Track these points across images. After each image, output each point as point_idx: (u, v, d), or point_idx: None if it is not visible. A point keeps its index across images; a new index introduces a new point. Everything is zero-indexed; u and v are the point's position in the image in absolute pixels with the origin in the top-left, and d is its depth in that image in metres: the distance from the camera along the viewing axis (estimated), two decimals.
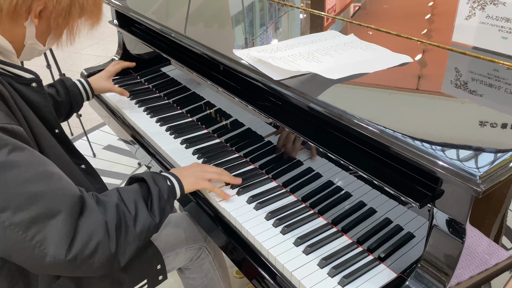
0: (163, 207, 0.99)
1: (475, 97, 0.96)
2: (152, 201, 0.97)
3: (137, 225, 0.91)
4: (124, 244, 0.89)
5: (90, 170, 1.14)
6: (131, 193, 0.96)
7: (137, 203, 0.94)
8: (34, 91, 0.96)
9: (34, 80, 0.96)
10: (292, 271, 0.93)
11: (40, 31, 0.93)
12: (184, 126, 1.50)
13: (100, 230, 0.84)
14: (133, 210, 0.92)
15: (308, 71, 1.06)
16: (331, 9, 1.67)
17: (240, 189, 1.17)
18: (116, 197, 0.93)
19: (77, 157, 1.11)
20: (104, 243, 0.84)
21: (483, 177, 0.70)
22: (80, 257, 0.82)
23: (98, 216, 0.85)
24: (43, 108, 0.98)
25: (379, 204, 0.97)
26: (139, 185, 1.00)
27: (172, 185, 1.04)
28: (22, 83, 0.93)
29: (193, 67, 1.44)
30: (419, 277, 0.83)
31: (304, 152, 1.11)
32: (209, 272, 1.33)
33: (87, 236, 0.82)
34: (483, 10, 1.19)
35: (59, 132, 1.04)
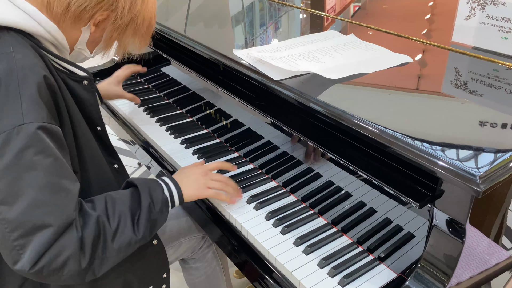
0: (154, 219, 0.94)
1: (475, 97, 0.96)
2: (141, 214, 0.93)
3: (116, 241, 0.88)
4: (101, 257, 0.86)
5: (122, 171, 1.13)
6: (119, 204, 0.92)
7: (121, 216, 0.90)
8: (84, 89, 0.97)
9: (86, 78, 0.97)
10: (292, 271, 0.93)
11: (92, 38, 0.97)
12: (184, 126, 1.50)
13: (73, 245, 0.82)
14: (115, 224, 0.89)
15: (308, 71, 1.06)
16: (331, 9, 1.67)
17: (240, 189, 1.16)
18: (100, 209, 0.90)
19: (112, 156, 1.11)
20: (75, 258, 0.82)
21: (483, 177, 0.70)
22: (48, 269, 0.80)
23: (73, 230, 0.83)
24: (90, 106, 1.00)
25: (379, 204, 0.97)
26: (131, 194, 0.96)
27: (170, 196, 1.00)
28: (74, 79, 0.95)
29: (193, 67, 1.44)
30: (419, 277, 0.83)
31: (304, 152, 1.11)
32: (213, 261, 1.33)
33: (57, 250, 0.80)
34: (483, 10, 1.19)
35: (101, 129, 1.05)
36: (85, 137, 0.97)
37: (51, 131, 0.82)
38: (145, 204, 0.94)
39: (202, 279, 1.33)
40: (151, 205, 0.94)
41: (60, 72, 0.93)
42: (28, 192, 0.78)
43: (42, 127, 0.80)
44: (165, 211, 0.98)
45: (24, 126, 0.78)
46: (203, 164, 1.17)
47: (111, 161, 1.10)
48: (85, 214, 0.87)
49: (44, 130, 0.80)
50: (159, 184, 1.00)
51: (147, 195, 0.95)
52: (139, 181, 0.98)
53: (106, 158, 1.07)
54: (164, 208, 0.97)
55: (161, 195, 0.98)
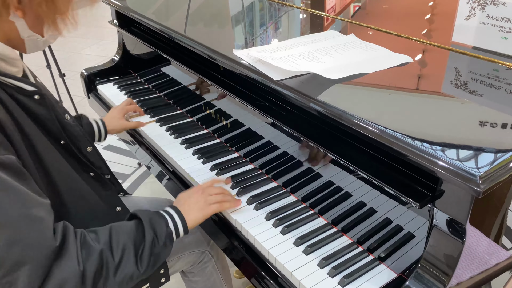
0: (157, 253, 0.93)
1: (475, 97, 0.96)
2: (144, 248, 0.91)
3: (118, 274, 0.87)
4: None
5: (99, 177, 1.09)
6: (123, 236, 0.90)
7: (125, 249, 0.88)
8: (36, 103, 0.92)
9: (36, 93, 0.92)
10: (292, 271, 0.93)
11: (30, 22, 0.88)
12: (184, 126, 1.50)
13: (74, 278, 0.80)
14: (118, 257, 0.87)
15: (308, 71, 1.06)
16: (331, 9, 1.67)
17: (240, 189, 1.17)
18: (104, 241, 0.88)
19: (85, 166, 1.06)
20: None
21: (483, 177, 0.70)
22: None
23: (74, 265, 0.81)
24: (46, 120, 0.95)
25: (379, 204, 0.97)
26: (136, 227, 0.94)
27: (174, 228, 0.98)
28: (24, 95, 0.90)
29: (193, 67, 1.44)
30: (419, 277, 0.83)
31: (304, 152, 1.11)
32: (212, 275, 1.33)
33: (58, 283, 0.79)
34: (483, 10, 1.19)
35: (65, 143, 1.00)
36: (48, 153, 0.93)
37: (2, 163, 0.77)
38: (149, 238, 0.92)
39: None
40: (155, 239, 0.93)
41: (7, 88, 0.87)
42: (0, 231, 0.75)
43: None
44: (169, 244, 0.96)
45: None
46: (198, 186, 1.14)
47: (85, 170, 1.06)
48: (88, 247, 0.85)
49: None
50: (163, 216, 0.98)
51: (150, 229, 0.93)
52: (142, 214, 0.96)
53: (77, 169, 1.03)
54: (168, 241, 0.95)
55: (165, 228, 0.96)
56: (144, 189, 2.48)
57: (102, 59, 4.17)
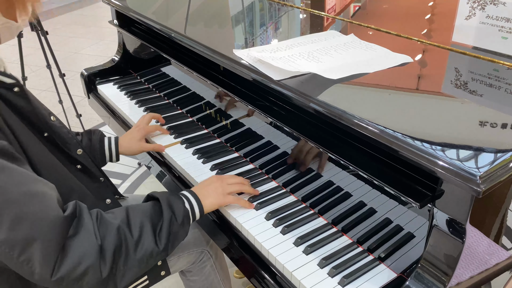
0: (176, 232, 0.94)
1: (475, 97, 0.96)
2: (162, 225, 0.92)
3: (138, 251, 0.87)
4: (122, 269, 0.85)
5: (85, 169, 1.08)
6: (140, 215, 0.91)
7: (143, 227, 0.89)
8: (17, 96, 0.92)
9: (15, 85, 0.92)
10: (292, 271, 0.93)
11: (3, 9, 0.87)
12: (184, 126, 1.50)
13: (92, 254, 0.81)
14: (137, 234, 0.88)
15: (308, 71, 1.06)
16: (331, 9, 1.67)
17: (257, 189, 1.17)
18: (121, 218, 0.89)
19: (71, 157, 1.05)
20: (95, 268, 0.81)
21: (483, 177, 0.70)
22: (67, 279, 0.80)
23: (92, 239, 0.82)
24: (27, 113, 0.94)
25: (379, 204, 0.97)
26: (153, 206, 0.95)
27: (190, 209, 0.99)
28: (4, 87, 0.90)
29: (193, 67, 1.44)
30: (419, 277, 0.83)
31: (304, 152, 1.11)
32: (210, 275, 1.33)
33: (77, 259, 0.80)
34: (483, 10, 1.19)
35: (48, 135, 0.99)
36: (33, 147, 0.93)
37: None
38: (167, 216, 0.93)
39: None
40: (173, 217, 0.94)
41: None
42: (4, 211, 0.76)
43: None
44: (187, 223, 0.97)
45: None
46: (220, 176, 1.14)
47: (72, 162, 1.05)
48: (105, 223, 0.86)
49: None
50: (179, 197, 1.00)
51: (168, 208, 0.94)
52: (159, 194, 0.98)
53: (63, 161, 1.02)
54: (185, 220, 0.97)
55: (182, 207, 0.97)
56: (144, 189, 2.48)
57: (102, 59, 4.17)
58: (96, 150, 1.28)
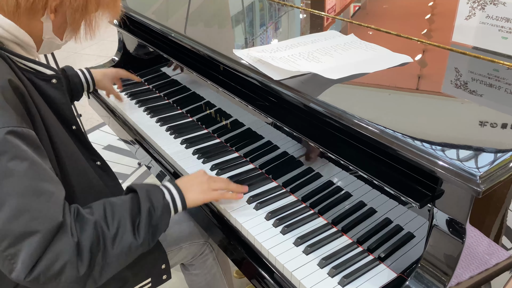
0: (155, 225, 0.93)
1: (475, 97, 0.96)
2: (141, 218, 0.91)
3: (116, 245, 0.86)
4: (101, 264, 0.85)
5: (105, 167, 1.12)
6: (118, 208, 0.90)
7: (121, 221, 0.88)
8: (53, 87, 0.96)
9: (54, 77, 0.95)
10: (292, 271, 0.93)
11: (57, 25, 0.93)
12: (184, 126, 1.50)
13: (69, 250, 0.80)
14: (114, 228, 0.87)
15: (308, 71, 1.06)
16: (331, 9, 1.67)
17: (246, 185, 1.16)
18: (98, 214, 0.88)
19: (93, 154, 1.10)
20: (72, 264, 0.80)
21: (483, 177, 0.70)
22: (44, 277, 0.79)
23: (68, 236, 0.81)
24: (61, 105, 0.98)
25: (379, 204, 0.97)
26: (131, 198, 0.94)
27: (172, 201, 0.98)
28: (42, 79, 0.93)
29: (193, 67, 1.44)
30: (419, 277, 0.83)
31: (304, 152, 1.11)
32: (213, 268, 1.32)
33: (53, 257, 0.79)
34: (483, 10, 1.19)
35: (76, 128, 1.03)
36: (60, 137, 0.95)
37: (23, 134, 0.79)
38: (145, 209, 0.92)
39: (202, 285, 1.33)
40: (151, 209, 0.93)
41: (26, 72, 0.90)
42: (8, 201, 0.76)
43: (13, 132, 0.77)
44: (166, 216, 0.96)
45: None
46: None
47: (92, 159, 1.09)
48: (82, 219, 0.85)
49: (16, 135, 0.78)
50: (160, 189, 0.99)
51: (146, 200, 0.93)
52: (138, 186, 0.97)
53: (86, 156, 1.05)
54: (165, 213, 0.95)
55: (162, 199, 0.96)
56: None
57: (102, 59, 4.17)
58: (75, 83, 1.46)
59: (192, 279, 1.34)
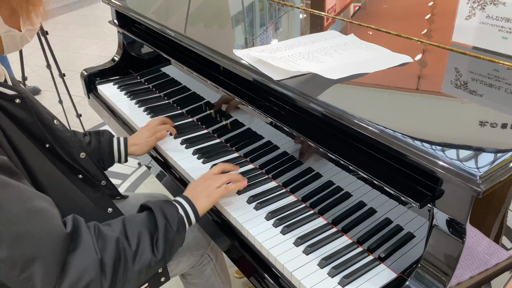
0: (172, 240, 0.94)
1: (475, 97, 0.96)
2: (158, 234, 0.92)
3: (136, 262, 0.87)
4: (122, 280, 0.85)
5: (87, 179, 1.07)
6: (137, 225, 0.91)
7: (140, 237, 0.89)
8: (19, 107, 0.92)
9: (17, 97, 0.91)
10: (292, 271, 0.93)
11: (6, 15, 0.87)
12: (184, 126, 1.50)
13: (93, 268, 0.81)
14: (135, 245, 0.88)
15: (308, 71, 1.06)
16: (331, 9, 1.67)
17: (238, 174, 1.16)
18: (118, 230, 0.89)
19: (73, 168, 1.05)
20: (97, 282, 0.81)
21: (483, 177, 0.70)
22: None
23: (92, 253, 0.82)
24: (29, 125, 0.94)
25: (379, 204, 0.97)
26: (147, 216, 0.95)
27: (185, 214, 0.99)
28: (5, 99, 0.90)
29: (193, 67, 1.44)
30: (419, 277, 0.83)
31: (304, 152, 1.11)
32: (210, 278, 1.33)
33: (78, 274, 0.79)
34: (483, 10, 1.19)
35: (50, 146, 0.99)
36: (33, 158, 0.92)
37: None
38: (161, 225, 0.92)
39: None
40: (168, 225, 0.93)
41: None
42: (5, 230, 0.75)
43: None
44: (182, 230, 0.97)
45: None
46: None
47: (73, 172, 1.05)
48: (104, 236, 0.86)
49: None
50: (173, 204, 0.99)
51: (162, 216, 0.94)
52: (152, 204, 0.97)
53: (65, 172, 1.02)
54: (181, 227, 0.96)
55: (176, 214, 0.97)
56: (144, 189, 2.48)
57: (102, 59, 4.17)
58: (105, 151, 1.28)
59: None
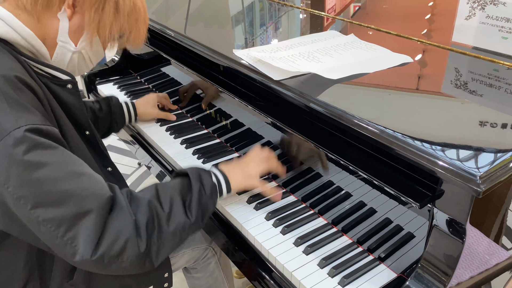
0: (205, 204, 0.95)
1: (475, 97, 0.96)
2: (192, 198, 0.94)
3: (170, 224, 0.88)
4: (157, 243, 0.86)
5: (116, 173, 1.12)
6: (169, 189, 0.93)
7: (173, 200, 0.91)
8: (69, 93, 0.95)
9: (69, 82, 0.95)
10: (292, 271, 0.93)
11: (73, 28, 0.91)
12: (184, 126, 1.50)
13: (129, 228, 0.82)
14: (168, 207, 0.89)
15: (308, 71, 1.06)
16: (331, 9, 1.67)
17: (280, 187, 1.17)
18: (151, 194, 0.91)
19: (105, 160, 1.10)
20: (133, 241, 0.82)
21: (483, 177, 0.70)
22: (108, 256, 0.81)
23: (127, 214, 0.84)
24: (76, 110, 0.98)
25: (379, 204, 0.97)
26: (181, 181, 0.97)
27: (217, 183, 1.01)
28: (57, 84, 0.93)
29: (193, 67, 1.44)
30: (419, 277, 0.83)
31: (304, 152, 1.11)
32: (214, 272, 1.33)
33: (115, 235, 0.81)
34: (483, 10, 1.19)
35: (89, 134, 1.04)
36: (74, 142, 0.96)
37: (47, 132, 0.80)
38: (196, 188, 0.95)
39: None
40: (202, 189, 0.96)
41: (42, 77, 0.90)
42: (52, 188, 0.77)
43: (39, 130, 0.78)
44: (215, 196, 0.99)
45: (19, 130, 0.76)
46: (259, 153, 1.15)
47: (104, 165, 1.09)
48: (136, 199, 0.88)
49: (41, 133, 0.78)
50: (208, 171, 1.02)
51: (197, 180, 0.97)
52: (188, 169, 1.00)
53: (98, 162, 1.06)
54: (214, 193, 0.99)
55: (210, 180, 0.99)
56: None
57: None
58: (116, 113, 1.40)
59: (194, 283, 1.34)
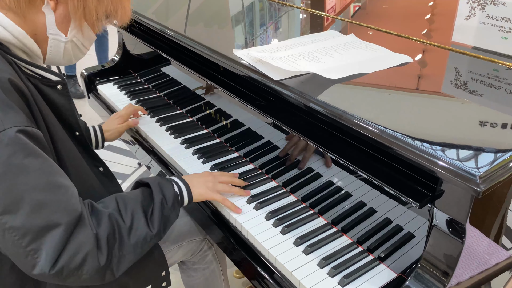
0: (167, 215, 0.96)
1: (475, 97, 0.96)
2: (153, 209, 0.94)
3: (132, 236, 0.89)
4: (118, 255, 0.87)
5: (107, 173, 1.13)
6: (130, 201, 0.93)
7: (134, 213, 0.91)
8: (58, 94, 0.96)
9: (59, 83, 0.95)
10: (292, 271, 0.93)
11: (60, 19, 0.91)
12: (184, 126, 1.50)
13: (89, 242, 0.82)
14: (129, 220, 0.90)
15: (308, 71, 1.06)
16: (331, 9, 1.67)
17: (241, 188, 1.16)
18: (112, 207, 0.91)
19: (95, 160, 1.10)
20: (93, 255, 0.83)
21: (483, 177, 0.70)
22: (67, 269, 0.81)
23: (88, 228, 0.83)
24: (65, 111, 0.98)
25: (379, 204, 0.97)
26: (142, 192, 0.97)
27: (180, 192, 1.02)
28: (47, 85, 0.93)
29: (193, 67, 1.44)
30: (419, 277, 0.83)
31: (304, 152, 1.11)
32: (212, 264, 1.32)
33: (75, 249, 0.81)
34: (483, 10, 1.19)
35: (79, 134, 1.04)
36: (63, 143, 0.96)
37: (32, 134, 0.80)
38: (158, 200, 0.95)
39: (200, 281, 1.33)
40: (163, 200, 0.96)
41: (31, 78, 0.90)
42: (27, 196, 0.77)
43: (24, 131, 0.78)
44: (177, 206, 1.00)
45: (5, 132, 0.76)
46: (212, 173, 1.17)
47: (95, 164, 1.10)
48: (97, 212, 0.88)
49: (26, 134, 0.78)
50: (169, 181, 1.02)
51: (159, 191, 0.97)
52: (149, 179, 1.00)
53: (88, 162, 1.06)
54: (176, 203, 0.99)
55: (172, 191, 0.99)
56: None
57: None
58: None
59: (191, 275, 1.33)
